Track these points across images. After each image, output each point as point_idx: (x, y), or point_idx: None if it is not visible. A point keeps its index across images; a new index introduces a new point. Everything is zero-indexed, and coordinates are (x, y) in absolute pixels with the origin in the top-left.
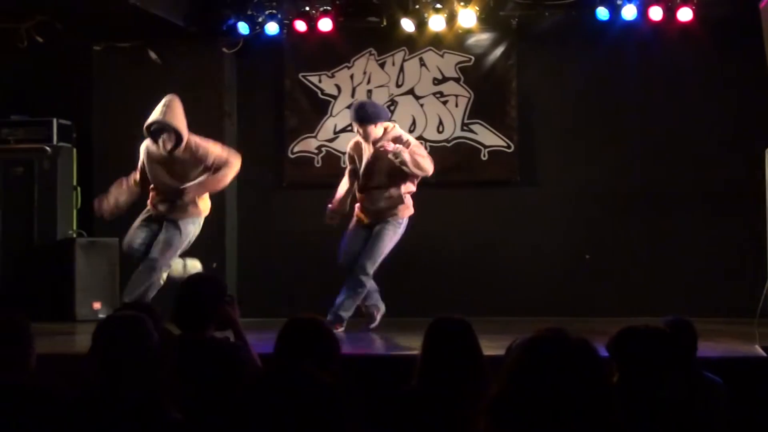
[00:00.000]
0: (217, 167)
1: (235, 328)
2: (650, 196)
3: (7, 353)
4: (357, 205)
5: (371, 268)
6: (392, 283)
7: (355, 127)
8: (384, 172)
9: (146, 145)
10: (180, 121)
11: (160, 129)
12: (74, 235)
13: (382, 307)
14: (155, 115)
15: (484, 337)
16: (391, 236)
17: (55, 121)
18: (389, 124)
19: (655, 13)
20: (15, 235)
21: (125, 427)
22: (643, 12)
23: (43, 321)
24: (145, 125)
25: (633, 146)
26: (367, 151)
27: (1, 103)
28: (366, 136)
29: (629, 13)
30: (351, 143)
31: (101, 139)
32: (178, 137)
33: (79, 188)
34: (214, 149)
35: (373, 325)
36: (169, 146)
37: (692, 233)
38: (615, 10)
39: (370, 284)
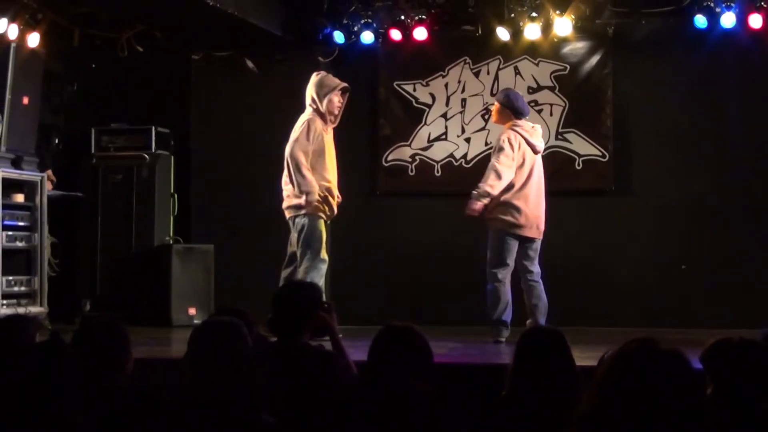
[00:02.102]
0: None
1: (332, 336)
2: (748, 207)
3: (106, 357)
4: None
5: None
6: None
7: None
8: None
9: None
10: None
11: None
12: (171, 242)
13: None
14: None
15: (576, 348)
16: None
17: (153, 129)
18: (521, 122)
19: (755, 21)
20: (113, 241)
21: (220, 430)
22: (742, 20)
23: (140, 326)
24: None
25: (731, 156)
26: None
27: (101, 112)
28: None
29: (728, 21)
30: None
31: (198, 147)
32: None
33: (176, 195)
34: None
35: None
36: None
37: None
38: (713, 18)
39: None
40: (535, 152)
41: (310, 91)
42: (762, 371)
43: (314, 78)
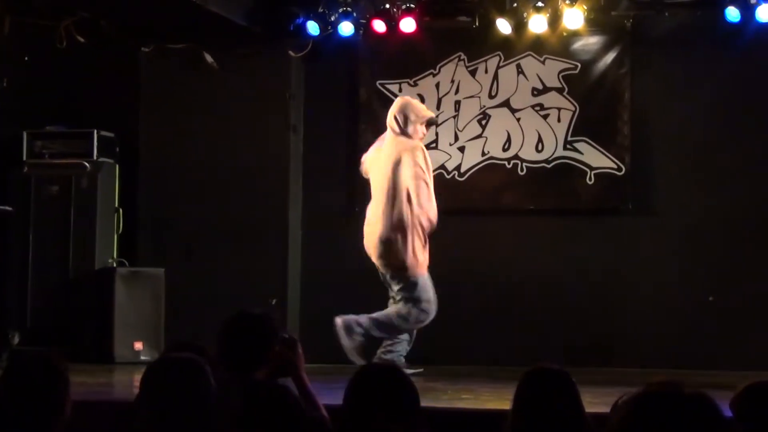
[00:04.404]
0: None
1: (295, 374)
2: None
3: (41, 400)
4: None
5: None
6: (483, 326)
7: None
8: None
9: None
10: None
11: None
12: (114, 265)
13: None
14: None
15: (586, 391)
16: None
17: (95, 132)
18: None
19: None
20: (48, 264)
21: None
22: None
23: (78, 362)
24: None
25: (767, 169)
26: None
27: (35, 112)
28: None
29: (765, 13)
30: None
31: (148, 154)
32: None
33: (121, 210)
34: None
35: None
36: None
37: None
38: (747, 10)
39: None
40: None
41: (400, 116)
42: None
43: (401, 101)
